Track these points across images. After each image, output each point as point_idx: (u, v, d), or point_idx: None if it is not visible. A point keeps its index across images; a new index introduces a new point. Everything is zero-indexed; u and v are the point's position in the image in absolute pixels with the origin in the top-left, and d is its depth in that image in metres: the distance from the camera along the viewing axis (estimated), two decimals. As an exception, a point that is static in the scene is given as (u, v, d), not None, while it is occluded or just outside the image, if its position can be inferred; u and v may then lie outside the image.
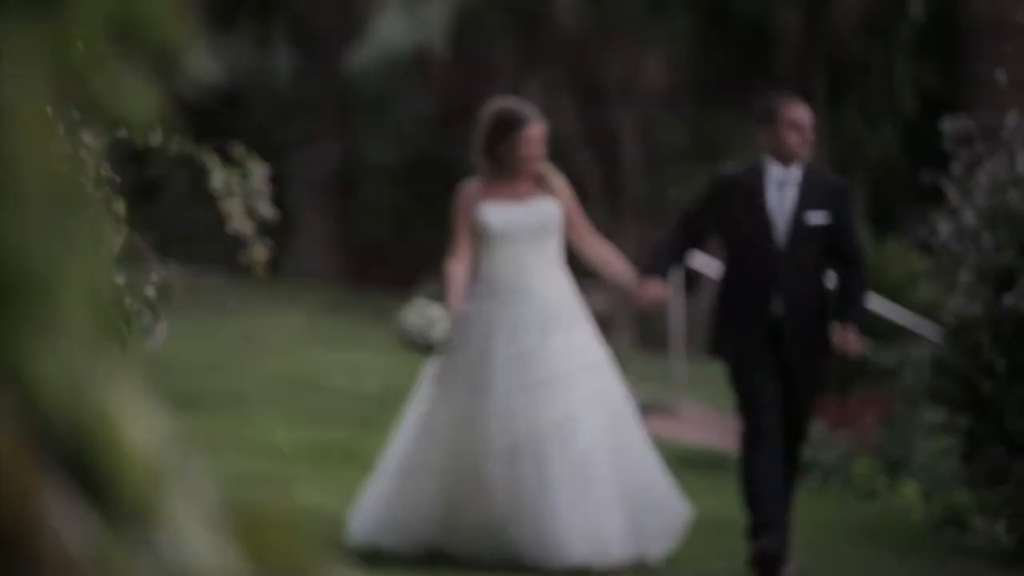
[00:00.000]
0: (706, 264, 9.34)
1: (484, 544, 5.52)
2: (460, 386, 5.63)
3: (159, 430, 1.03)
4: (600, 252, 5.83)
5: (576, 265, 5.95)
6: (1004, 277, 6.84)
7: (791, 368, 5.68)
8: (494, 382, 5.57)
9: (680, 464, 6.40)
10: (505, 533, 5.46)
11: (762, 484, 5.62)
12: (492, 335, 5.63)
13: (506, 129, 5.71)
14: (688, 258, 5.96)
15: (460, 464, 5.57)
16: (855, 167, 18.63)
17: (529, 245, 5.71)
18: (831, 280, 5.89)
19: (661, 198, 17.95)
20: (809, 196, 5.71)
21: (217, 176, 3.59)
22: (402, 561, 5.54)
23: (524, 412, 5.53)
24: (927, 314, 9.19)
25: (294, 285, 19.16)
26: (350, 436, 8.70)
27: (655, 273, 5.73)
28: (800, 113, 5.74)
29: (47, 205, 1.03)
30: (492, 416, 5.54)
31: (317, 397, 10.30)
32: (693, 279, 5.93)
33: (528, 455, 5.48)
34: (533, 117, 5.75)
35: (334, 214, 21.50)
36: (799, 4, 18.38)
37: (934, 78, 18.30)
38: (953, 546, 7.17)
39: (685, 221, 5.82)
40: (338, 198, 21.65)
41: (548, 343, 5.61)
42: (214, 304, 14.28)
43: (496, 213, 5.71)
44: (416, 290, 26.55)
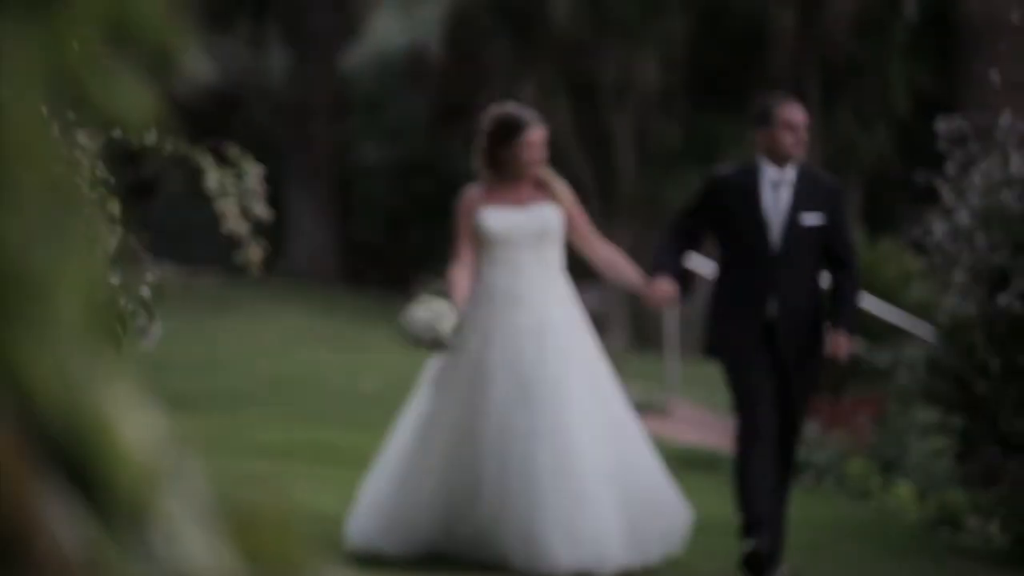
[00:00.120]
0: (701, 264, 9.35)
1: (478, 550, 5.50)
2: (458, 392, 5.60)
3: (154, 430, 1.04)
4: (605, 255, 5.79)
5: (570, 266, 5.94)
6: (998, 277, 6.84)
7: (786, 368, 5.68)
8: (490, 389, 5.54)
9: (674, 464, 6.40)
10: (495, 540, 5.44)
11: (755, 484, 5.63)
12: (489, 341, 5.60)
13: (507, 133, 5.70)
14: (686, 259, 5.95)
15: (457, 470, 5.55)
16: (849, 167, 18.65)
17: (529, 251, 5.68)
18: (825, 280, 5.89)
19: (655, 198, 17.96)
20: (804, 197, 5.71)
21: (212, 176, 3.59)
22: (400, 563, 5.53)
23: (519, 420, 5.49)
24: (921, 314, 9.21)
25: (289, 285, 19.14)
26: (346, 436, 8.69)
27: (663, 272, 5.72)
28: (795, 114, 5.74)
29: (42, 206, 1.03)
30: (487, 423, 5.51)
31: (312, 397, 10.29)
32: (688, 279, 5.93)
33: (521, 463, 5.45)
34: (534, 121, 5.73)
35: (329, 214, 21.49)
36: (793, 5, 18.39)
37: (928, 78, 18.32)
38: (947, 546, 7.18)
39: (681, 222, 5.81)
40: (333, 198, 21.64)
41: (545, 350, 5.58)
42: (209, 304, 14.27)
43: (496, 218, 5.69)
44: (412, 289, 26.40)
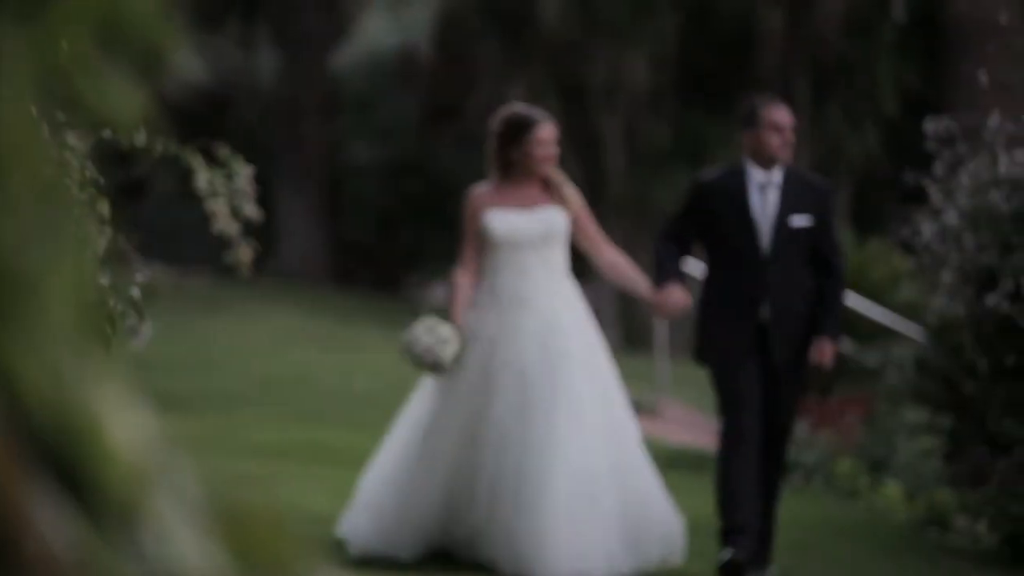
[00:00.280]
0: (690, 265, 9.36)
1: (473, 551, 5.47)
2: (463, 395, 5.55)
3: (144, 430, 1.04)
4: (610, 259, 5.74)
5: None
6: (986, 277, 6.86)
7: (777, 371, 5.65)
8: (495, 394, 5.50)
9: (663, 464, 6.40)
10: (487, 544, 5.41)
11: (737, 488, 5.61)
12: (495, 345, 5.56)
13: (518, 131, 5.65)
14: (684, 265, 5.92)
15: (458, 473, 5.51)
16: (838, 167, 18.67)
17: (534, 253, 5.63)
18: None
19: (644, 198, 17.97)
20: (792, 199, 5.68)
21: (202, 176, 3.59)
22: (397, 565, 5.51)
23: (517, 426, 5.45)
24: (910, 314, 9.22)
25: (280, 285, 19.12)
26: (338, 435, 8.69)
27: (670, 280, 5.67)
28: (781, 115, 5.70)
29: (33, 206, 1.03)
30: (489, 429, 5.47)
31: (304, 396, 10.29)
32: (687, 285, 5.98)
33: (515, 469, 5.41)
34: (544, 119, 5.69)
35: (319, 214, 21.46)
36: (782, 5, 18.42)
37: (916, 79, 18.35)
38: (935, 546, 7.19)
39: (672, 230, 5.77)
40: (323, 198, 21.61)
41: (549, 354, 5.54)
42: (200, 304, 14.26)
43: (501, 220, 5.63)
44: (404, 289, 26.33)
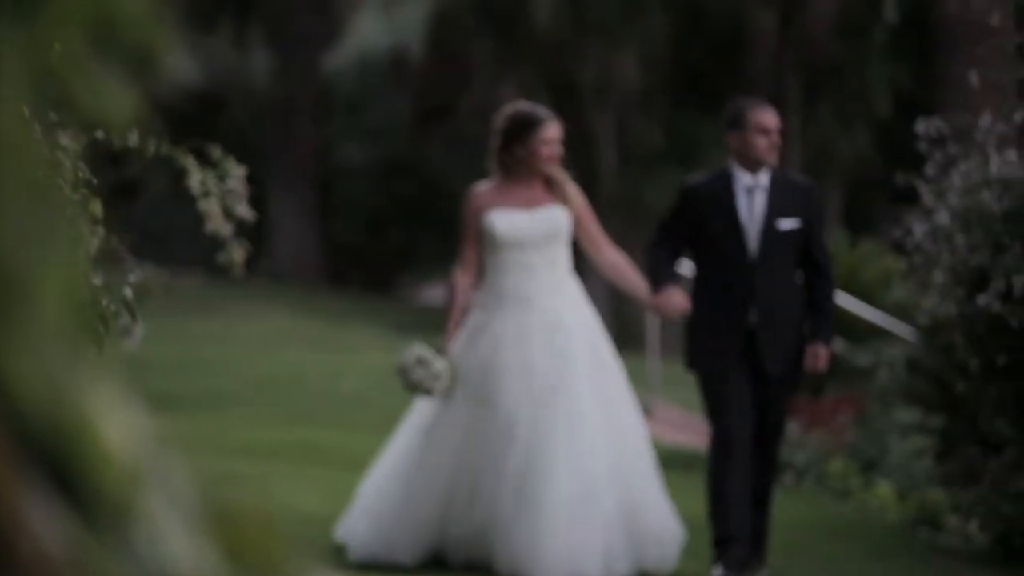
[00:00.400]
0: (684, 266, 9.36)
1: (472, 551, 5.43)
2: (465, 398, 5.51)
3: (137, 430, 1.04)
4: (612, 259, 5.71)
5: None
6: (978, 278, 6.87)
7: (767, 374, 5.62)
8: (500, 395, 5.46)
9: (656, 464, 6.40)
10: (485, 544, 5.37)
11: (728, 498, 5.61)
12: (499, 346, 5.52)
13: (523, 129, 5.60)
14: (678, 269, 5.90)
15: (460, 474, 5.46)
16: (830, 168, 18.70)
17: (537, 253, 5.59)
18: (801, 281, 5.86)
19: (636, 198, 17.98)
20: (779, 201, 5.65)
21: (195, 177, 3.59)
22: (397, 570, 5.49)
23: (529, 427, 5.41)
24: (901, 314, 9.24)
25: (272, 285, 19.11)
26: (329, 436, 8.69)
27: (668, 282, 5.65)
28: (768, 118, 5.67)
29: (25, 207, 1.03)
30: (495, 430, 5.42)
31: (296, 397, 10.28)
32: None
33: (515, 471, 5.38)
34: (549, 117, 5.64)
35: (311, 214, 21.46)
36: (774, 6, 18.44)
37: (908, 80, 18.38)
38: (927, 545, 7.20)
39: (663, 234, 5.74)
40: (315, 198, 21.61)
41: (554, 353, 5.51)
42: (192, 304, 14.24)
43: (504, 220, 5.59)
44: (396, 289, 26.25)
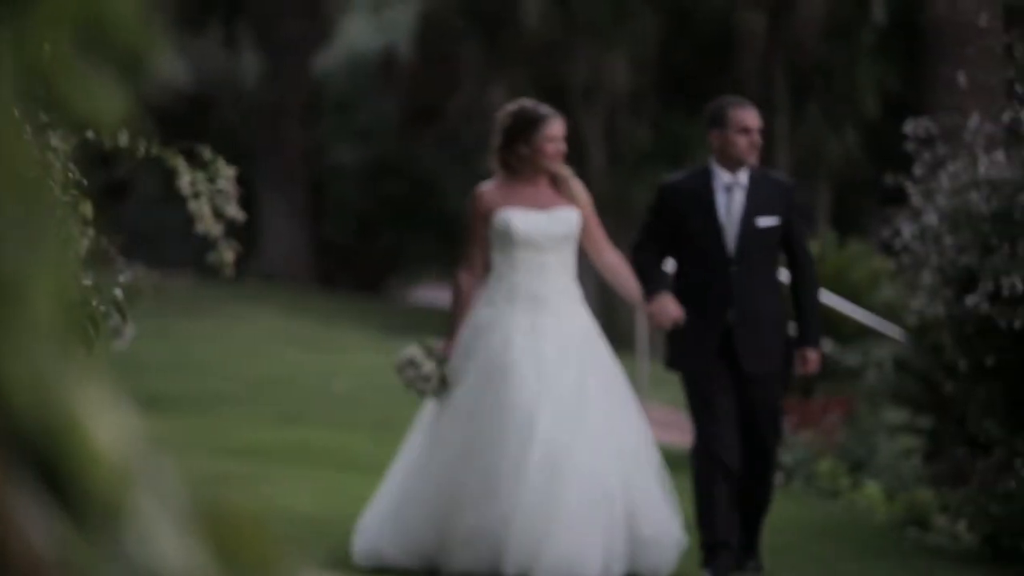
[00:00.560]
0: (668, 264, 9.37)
1: (471, 552, 5.35)
2: (473, 393, 5.45)
3: (127, 431, 1.04)
4: (612, 262, 5.68)
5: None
6: (966, 278, 6.89)
7: (746, 372, 5.60)
8: (513, 393, 5.40)
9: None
10: (498, 541, 5.30)
11: (715, 504, 5.61)
12: (510, 343, 5.46)
13: (526, 127, 5.54)
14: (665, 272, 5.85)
15: (469, 474, 5.38)
16: (818, 169, 18.73)
17: (552, 253, 5.55)
18: (784, 278, 5.86)
19: (624, 198, 18.00)
20: (758, 199, 5.63)
21: (185, 178, 3.59)
22: (401, 572, 5.47)
23: (548, 426, 5.37)
24: (890, 315, 9.25)
25: (262, 286, 19.09)
26: (320, 436, 8.68)
27: (659, 289, 5.62)
28: (750, 117, 5.64)
29: (15, 208, 1.03)
30: (515, 427, 5.36)
31: (286, 397, 10.27)
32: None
33: (552, 471, 5.33)
34: (552, 115, 5.59)
35: (301, 215, 21.44)
36: (762, 8, 18.47)
37: (896, 81, 18.42)
38: (915, 545, 7.22)
39: (645, 236, 5.72)
40: (305, 199, 21.59)
41: (568, 355, 5.47)
42: (182, 305, 14.22)
43: (521, 219, 5.53)
44: (385, 290, 26.20)
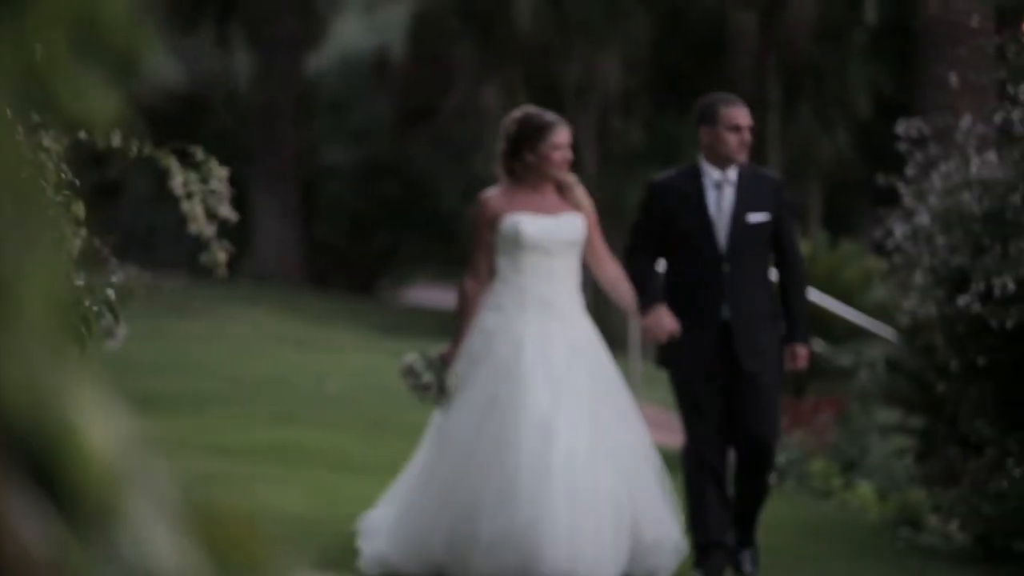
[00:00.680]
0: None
1: (496, 558, 5.30)
2: (485, 399, 5.42)
3: (119, 431, 1.04)
4: (612, 273, 5.66)
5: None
6: (958, 278, 6.90)
7: (744, 371, 5.59)
8: (526, 396, 5.38)
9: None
10: (522, 545, 5.26)
11: (708, 506, 5.63)
12: (521, 348, 5.44)
13: (533, 134, 5.53)
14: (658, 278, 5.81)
15: (482, 480, 5.34)
16: (810, 169, 18.75)
17: (560, 259, 5.54)
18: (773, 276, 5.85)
19: (617, 198, 18.01)
20: (748, 195, 5.63)
21: (177, 178, 3.59)
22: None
23: (564, 431, 5.35)
24: (882, 315, 9.27)
25: (255, 286, 19.08)
26: (313, 436, 8.68)
27: (655, 301, 5.61)
28: (740, 116, 5.63)
29: (7, 208, 1.03)
30: (528, 432, 5.33)
31: (279, 397, 10.27)
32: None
33: (568, 474, 5.31)
34: (559, 122, 5.58)
35: (294, 215, 21.43)
36: (755, 8, 18.49)
37: (888, 81, 18.45)
38: (907, 545, 7.23)
39: (638, 239, 5.70)
40: (299, 200, 21.58)
41: (577, 360, 5.46)
42: (175, 305, 14.21)
43: (530, 223, 5.52)
44: (378, 291, 26.16)
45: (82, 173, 3.30)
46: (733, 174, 5.66)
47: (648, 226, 5.71)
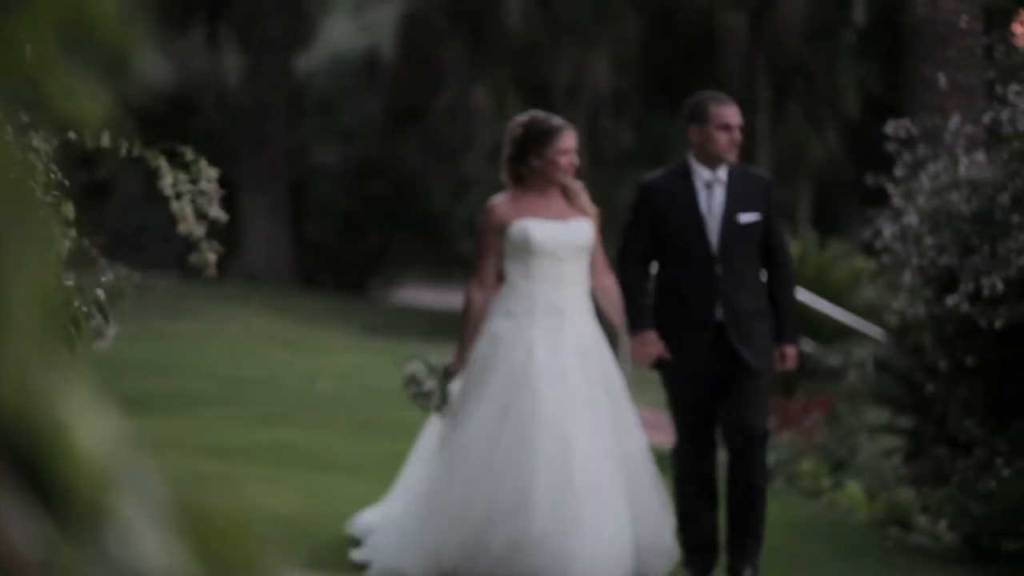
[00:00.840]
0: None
1: (507, 568, 5.29)
2: (498, 407, 5.40)
3: (109, 431, 1.04)
4: (607, 285, 5.65)
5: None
6: (947, 279, 6.91)
7: (749, 368, 5.58)
8: (540, 406, 5.37)
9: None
10: (540, 551, 5.26)
11: (697, 508, 5.65)
12: (532, 355, 5.43)
13: (539, 138, 5.50)
14: (648, 288, 5.77)
15: (497, 487, 5.32)
16: (799, 169, 18.78)
17: (569, 264, 5.53)
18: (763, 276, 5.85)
19: (607, 199, 18.02)
20: (738, 195, 5.61)
21: (167, 179, 3.59)
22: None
23: (581, 441, 5.35)
24: (871, 315, 9.29)
25: (245, 287, 19.06)
26: (304, 436, 8.67)
27: (644, 325, 5.60)
28: (730, 113, 5.60)
29: (-3, 209, 1.03)
30: (543, 441, 5.33)
31: (270, 397, 10.26)
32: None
33: (588, 484, 5.31)
34: (565, 126, 5.56)
35: (284, 216, 21.41)
36: (744, 8, 18.51)
37: (877, 82, 18.49)
38: (896, 545, 7.25)
39: (632, 243, 5.67)
40: (288, 200, 21.56)
41: (586, 367, 5.46)
42: (165, 306, 14.19)
43: (540, 228, 5.50)
44: (368, 291, 26.15)
45: (72, 173, 3.30)
46: (723, 174, 5.64)
47: (639, 227, 5.69)
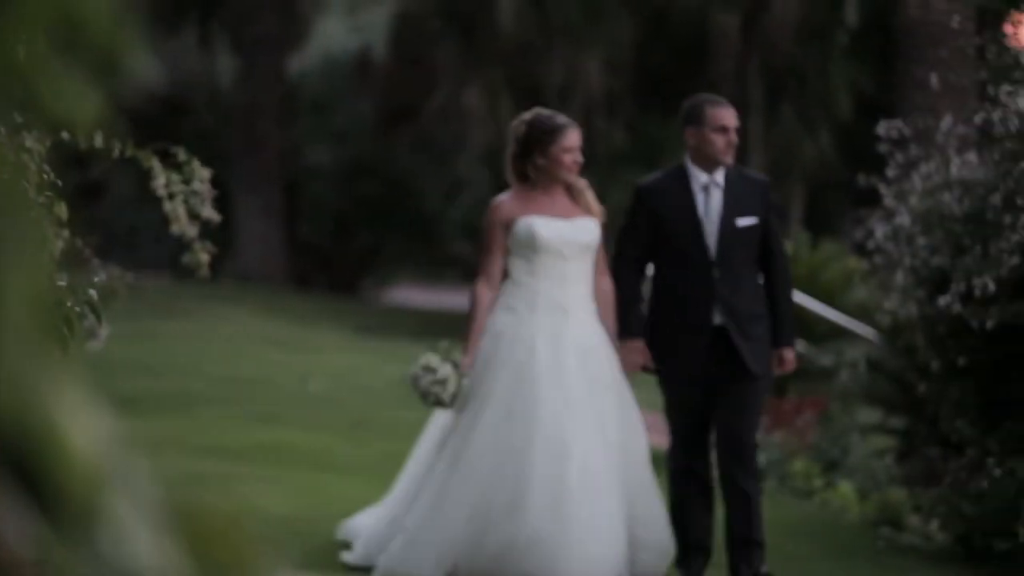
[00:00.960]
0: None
1: (501, 568, 5.29)
2: (502, 405, 5.40)
3: (102, 432, 1.04)
4: (604, 288, 5.64)
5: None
6: (938, 279, 6.92)
7: (751, 372, 5.56)
8: (539, 405, 5.37)
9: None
10: (534, 551, 5.26)
11: (692, 509, 5.65)
12: (534, 352, 5.43)
13: (543, 136, 5.49)
14: (641, 290, 5.77)
15: (496, 489, 5.33)
16: (792, 170, 18.79)
17: (574, 262, 5.53)
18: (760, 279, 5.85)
19: (600, 200, 18.02)
20: (736, 198, 5.59)
21: (160, 179, 3.59)
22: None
23: (579, 442, 5.35)
24: (863, 315, 9.30)
25: (238, 287, 19.04)
26: (297, 436, 8.67)
27: (634, 333, 5.59)
28: (727, 115, 5.59)
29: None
30: (540, 440, 5.33)
31: (263, 398, 10.25)
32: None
33: (584, 486, 5.31)
34: (569, 124, 5.55)
35: (277, 216, 21.39)
36: (737, 9, 18.52)
37: (869, 82, 18.50)
38: (888, 545, 7.26)
39: (628, 246, 5.65)
40: (281, 200, 21.54)
41: (588, 367, 5.46)
42: (158, 306, 14.18)
43: (545, 225, 5.50)
44: (361, 291, 26.17)
45: (64, 174, 3.30)
46: (720, 177, 5.62)
47: (635, 230, 5.66)
